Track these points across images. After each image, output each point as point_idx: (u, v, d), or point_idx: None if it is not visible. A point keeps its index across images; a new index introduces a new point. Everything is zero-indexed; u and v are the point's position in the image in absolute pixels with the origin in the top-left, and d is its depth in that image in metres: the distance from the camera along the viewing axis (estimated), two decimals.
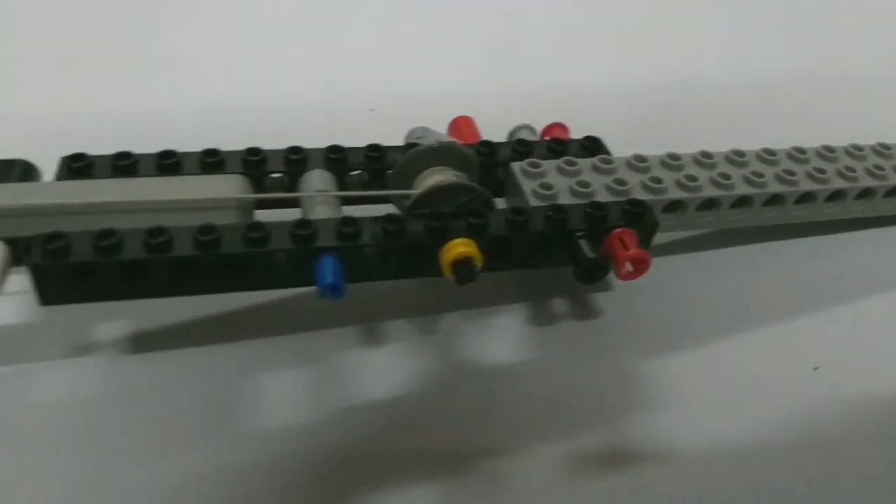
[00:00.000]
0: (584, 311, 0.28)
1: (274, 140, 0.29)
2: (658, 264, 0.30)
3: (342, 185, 0.28)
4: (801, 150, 0.31)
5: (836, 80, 0.46)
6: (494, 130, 0.32)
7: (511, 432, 0.24)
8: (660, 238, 0.31)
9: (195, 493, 0.22)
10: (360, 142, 0.30)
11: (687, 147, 0.31)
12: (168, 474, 0.22)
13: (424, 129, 0.30)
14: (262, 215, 0.26)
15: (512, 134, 0.31)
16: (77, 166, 0.26)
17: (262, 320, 0.27)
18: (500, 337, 0.27)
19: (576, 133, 0.32)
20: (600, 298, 0.29)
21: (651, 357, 0.27)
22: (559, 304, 0.29)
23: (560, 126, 0.32)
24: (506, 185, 0.29)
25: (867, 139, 0.33)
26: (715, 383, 0.26)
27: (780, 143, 0.32)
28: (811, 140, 0.32)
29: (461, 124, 0.33)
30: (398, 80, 0.41)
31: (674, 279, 0.30)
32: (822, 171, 0.30)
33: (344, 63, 0.43)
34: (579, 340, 0.27)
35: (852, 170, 0.31)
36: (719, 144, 0.31)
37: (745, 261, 0.31)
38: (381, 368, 0.26)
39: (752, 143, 0.32)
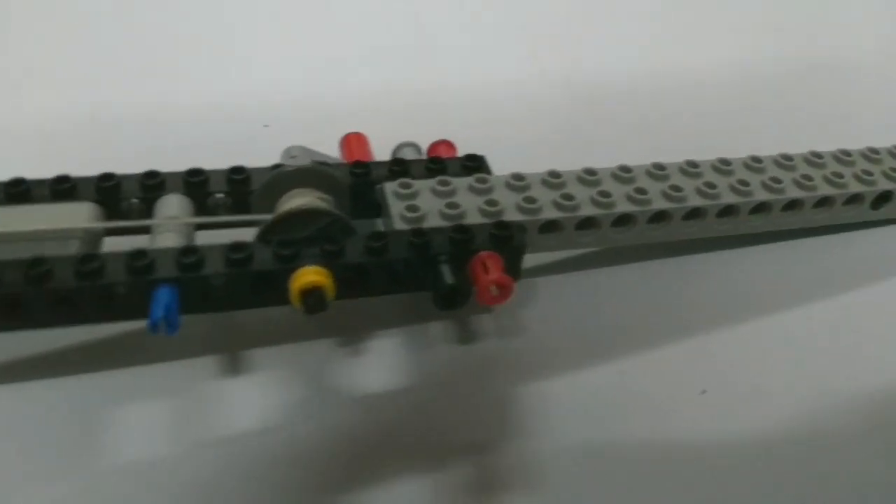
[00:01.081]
0: (463, 335, 0.27)
1: (157, 159, 0.28)
2: (543, 284, 0.30)
3: (204, 210, 0.27)
4: (694, 164, 0.30)
5: (736, 84, 0.44)
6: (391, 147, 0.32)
7: (377, 462, 0.23)
8: (547, 257, 0.30)
9: None
10: (254, 160, 0.28)
11: (608, 159, 0.29)
12: None
13: (301, 147, 0.29)
14: (116, 244, 0.25)
15: (394, 152, 0.30)
16: None
17: (128, 349, 0.26)
18: (374, 363, 0.26)
19: (478, 150, 0.31)
20: (480, 321, 0.27)
21: (529, 381, 0.26)
22: (436, 328, 0.27)
23: (446, 143, 0.30)
24: (382, 207, 0.28)
25: (767, 147, 0.32)
26: (596, 406, 0.25)
27: (674, 156, 0.30)
28: (710, 154, 0.31)
29: (351, 141, 0.32)
30: (296, 94, 0.39)
31: (558, 300, 0.29)
32: (712, 185, 0.29)
33: (237, 76, 0.41)
34: (456, 365, 0.26)
35: (745, 183, 0.29)
36: (637, 154, 0.30)
37: (631, 280, 0.30)
38: (246, 399, 0.25)
39: (673, 153, 0.30)
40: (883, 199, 0.31)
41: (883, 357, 0.27)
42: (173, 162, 0.28)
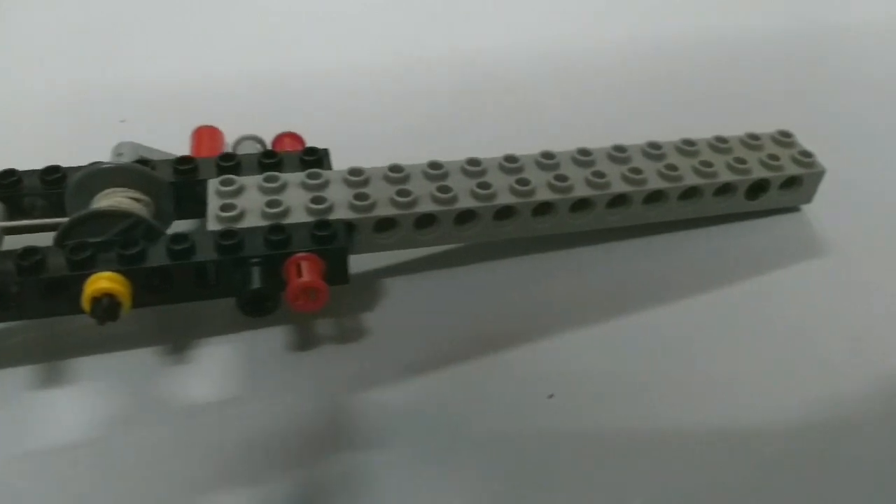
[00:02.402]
0: (303, 341, 0.25)
1: (10, 158, 0.27)
2: (397, 285, 0.28)
3: (20, 213, 0.26)
4: (551, 156, 0.28)
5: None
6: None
7: (197, 479, 0.22)
8: (396, 257, 0.28)
9: None
10: (107, 156, 0.27)
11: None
12: None
13: (132, 144, 0.27)
14: None
15: (235, 146, 0.29)
16: None
17: None
18: (203, 373, 0.24)
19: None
20: (324, 325, 0.26)
21: (367, 388, 0.24)
22: (276, 333, 0.25)
23: (291, 136, 0.29)
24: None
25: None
26: (437, 416, 0.23)
27: (529, 149, 0.28)
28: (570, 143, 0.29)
29: (202, 135, 0.31)
30: (155, 88, 0.38)
31: (410, 301, 0.27)
32: (563, 177, 0.27)
33: (94, 70, 0.39)
34: (289, 373, 0.24)
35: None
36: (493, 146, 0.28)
37: (485, 280, 0.28)
38: (64, 410, 0.23)
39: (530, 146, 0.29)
40: (759, 188, 0.30)
41: (751, 357, 0.26)
42: (24, 158, 0.27)
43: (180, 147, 0.31)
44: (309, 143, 0.30)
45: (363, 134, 0.35)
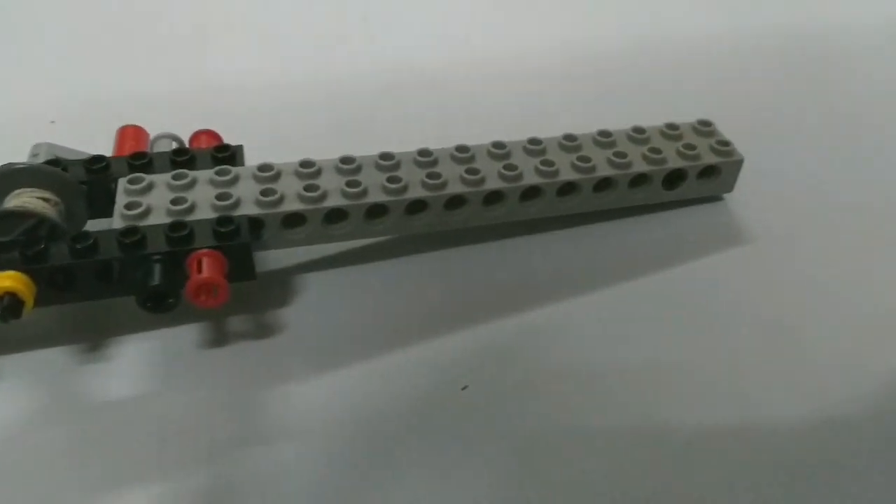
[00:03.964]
0: (217, 337, 0.25)
1: None
2: (316, 280, 0.28)
3: None
4: (465, 149, 0.28)
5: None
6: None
7: (111, 474, 0.22)
8: (322, 249, 0.28)
9: None
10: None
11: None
12: None
13: (49, 145, 0.27)
14: None
15: (151, 144, 0.29)
16: None
17: None
18: (116, 370, 0.24)
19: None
20: (239, 322, 0.26)
21: (278, 383, 0.24)
22: (190, 331, 0.25)
23: (208, 133, 0.29)
24: None
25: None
26: (345, 411, 0.23)
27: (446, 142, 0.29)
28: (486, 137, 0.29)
29: (126, 134, 0.30)
30: (83, 86, 0.38)
31: (328, 296, 0.27)
32: (475, 171, 0.27)
33: (22, 70, 0.40)
34: (201, 370, 0.24)
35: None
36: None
37: (400, 273, 0.28)
38: None
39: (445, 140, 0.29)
40: (677, 178, 0.30)
41: (670, 347, 0.26)
42: None
43: (108, 148, 0.31)
44: (227, 142, 0.30)
45: (287, 134, 0.35)
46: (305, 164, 0.27)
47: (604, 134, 0.30)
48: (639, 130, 0.30)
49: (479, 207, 0.27)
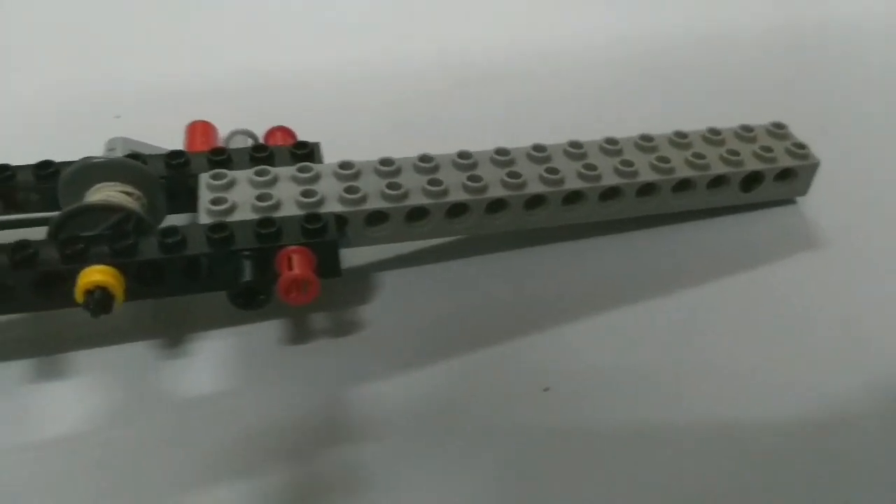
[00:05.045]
0: (298, 334, 0.25)
1: (4, 153, 0.27)
2: (393, 278, 0.28)
3: (14, 207, 0.26)
4: (542, 147, 0.28)
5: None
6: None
7: (191, 472, 0.22)
8: (392, 250, 0.28)
9: None
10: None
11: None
12: None
13: (123, 139, 0.27)
14: None
15: (227, 140, 0.29)
16: None
17: None
18: (200, 366, 0.24)
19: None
20: (318, 319, 0.26)
21: (362, 381, 0.24)
22: (271, 328, 0.25)
23: (283, 130, 0.29)
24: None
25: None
26: (430, 410, 0.23)
27: (521, 141, 0.28)
28: (563, 135, 0.29)
29: (196, 130, 0.30)
30: (148, 82, 0.38)
31: (406, 294, 0.27)
32: (554, 170, 0.27)
33: (88, 64, 0.39)
34: (286, 366, 0.25)
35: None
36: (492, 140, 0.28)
37: (479, 273, 0.28)
38: (62, 403, 0.23)
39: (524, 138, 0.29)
40: (753, 180, 0.29)
41: (745, 350, 0.26)
42: (19, 154, 0.27)
43: (174, 142, 0.30)
44: (300, 138, 0.30)
45: (353, 129, 0.35)
46: (385, 161, 0.27)
47: (680, 135, 0.29)
48: (714, 132, 0.30)
49: (558, 207, 0.27)
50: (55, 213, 0.25)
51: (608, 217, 0.28)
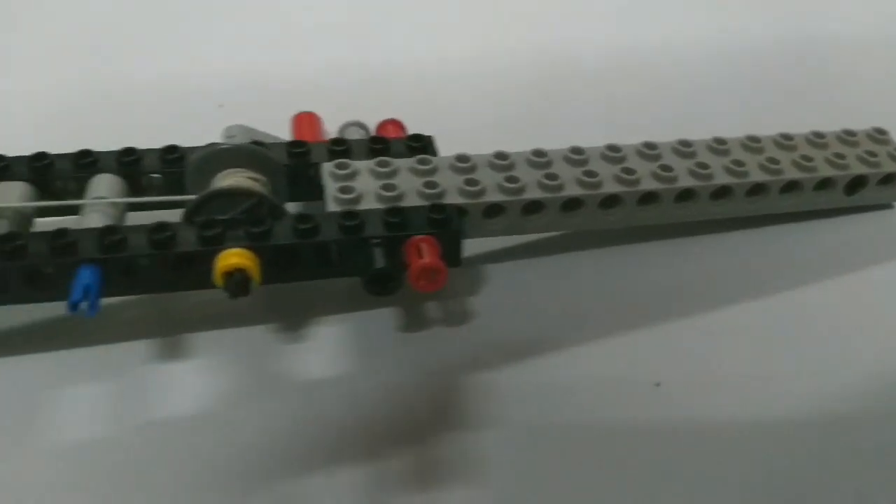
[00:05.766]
0: (412, 322, 0.26)
1: (109, 138, 0.28)
2: (498, 270, 0.28)
3: (138, 190, 0.26)
4: (653, 147, 0.28)
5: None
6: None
7: (315, 452, 0.22)
8: (500, 242, 0.29)
9: None
10: (208, 139, 0.28)
11: (568, 141, 0.28)
12: None
13: (241, 127, 0.28)
14: (51, 224, 0.25)
15: (340, 131, 0.29)
16: None
17: (56, 332, 0.25)
18: (315, 350, 0.25)
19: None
20: (430, 308, 0.26)
21: (476, 370, 0.25)
22: (384, 315, 0.26)
23: (394, 123, 0.30)
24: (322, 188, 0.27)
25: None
26: (545, 401, 0.24)
27: (634, 138, 0.29)
28: (672, 133, 0.29)
29: (302, 121, 0.31)
30: (251, 74, 0.39)
31: (514, 286, 0.27)
32: (668, 168, 0.27)
33: (191, 55, 0.40)
34: (400, 353, 0.25)
35: (705, 166, 0.28)
36: (595, 136, 0.29)
37: (590, 267, 0.28)
38: (185, 383, 0.24)
39: (632, 135, 0.29)
40: (857, 184, 0.30)
41: (846, 351, 0.26)
42: (127, 142, 0.28)
43: (276, 131, 0.31)
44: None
45: (452, 123, 0.34)
46: (500, 155, 0.27)
47: (785, 137, 0.30)
48: (818, 135, 0.30)
49: (669, 204, 0.27)
50: (178, 197, 0.25)
51: (718, 216, 0.29)
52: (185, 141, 0.28)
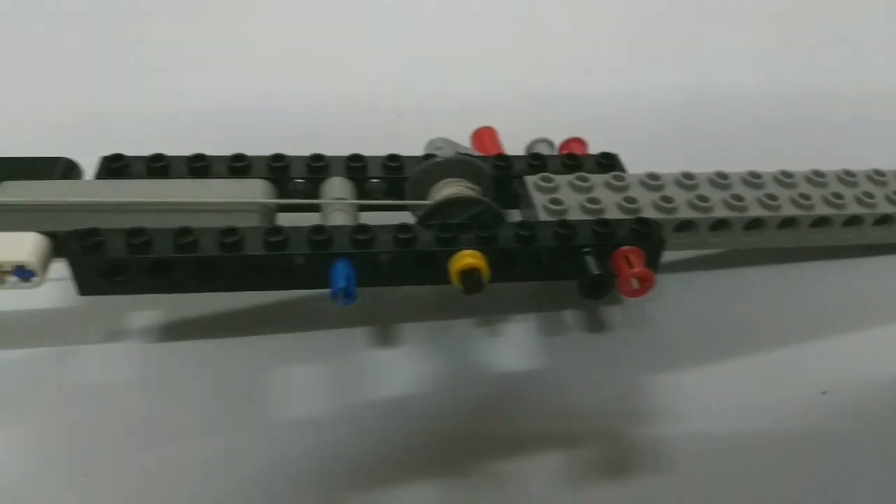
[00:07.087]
0: (594, 324, 0.29)
1: (301, 145, 0.30)
2: (669, 281, 0.31)
3: (361, 193, 0.29)
4: (820, 174, 0.31)
5: (866, 96, 0.44)
6: (518, 141, 0.33)
7: (516, 437, 0.25)
8: (673, 255, 0.31)
9: (211, 476, 0.23)
10: (387, 147, 0.31)
11: (709, 165, 0.31)
12: (186, 457, 0.24)
13: (445, 140, 0.31)
14: (284, 219, 0.28)
15: (529, 147, 0.32)
16: (115, 167, 0.28)
17: (283, 317, 0.29)
18: (510, 344, 0.28)
19: (597, 147, 0.32)
20: (609, 312, 0.29)
21: (655, 372, 0.27)
22: (568, 316, 0.29)
23: (578, 141, 0.32)
24: (520, 198, 0.30)
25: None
26: (722, 403, 0.26)
27: (801, 164, 0.31)
28: (835, 163, 0.32)
29: (483, 135, 0.34)
30: (427, 88, 0.42)
31: (684, 297, 0.30)
32: (839, 195, 0.30)
33: (374, 69, 0.44)
34: (587, 351, 0.28)
35: (871, 195, 0.30)
36: (740, 163, 0.31)
37: (756, 282, 0.31)
38: (394, 368, 0.27)
39: (773, 164, 0.31)
40: None
41: None
42: (317, 148, 0.30)
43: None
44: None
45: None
46: (687, 175, 0.30)
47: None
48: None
49: (838, 228, 0.30)
50: (413, 202, 0.28)
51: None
52: (370, 147, 0.31)
